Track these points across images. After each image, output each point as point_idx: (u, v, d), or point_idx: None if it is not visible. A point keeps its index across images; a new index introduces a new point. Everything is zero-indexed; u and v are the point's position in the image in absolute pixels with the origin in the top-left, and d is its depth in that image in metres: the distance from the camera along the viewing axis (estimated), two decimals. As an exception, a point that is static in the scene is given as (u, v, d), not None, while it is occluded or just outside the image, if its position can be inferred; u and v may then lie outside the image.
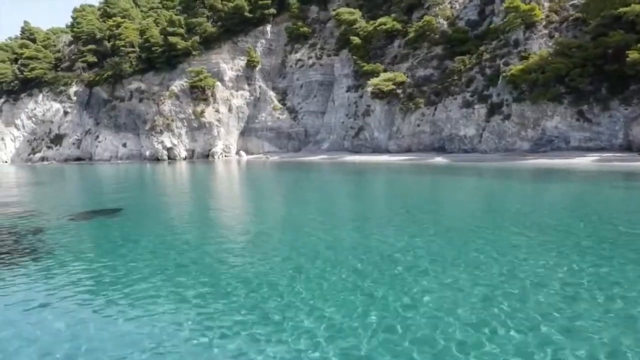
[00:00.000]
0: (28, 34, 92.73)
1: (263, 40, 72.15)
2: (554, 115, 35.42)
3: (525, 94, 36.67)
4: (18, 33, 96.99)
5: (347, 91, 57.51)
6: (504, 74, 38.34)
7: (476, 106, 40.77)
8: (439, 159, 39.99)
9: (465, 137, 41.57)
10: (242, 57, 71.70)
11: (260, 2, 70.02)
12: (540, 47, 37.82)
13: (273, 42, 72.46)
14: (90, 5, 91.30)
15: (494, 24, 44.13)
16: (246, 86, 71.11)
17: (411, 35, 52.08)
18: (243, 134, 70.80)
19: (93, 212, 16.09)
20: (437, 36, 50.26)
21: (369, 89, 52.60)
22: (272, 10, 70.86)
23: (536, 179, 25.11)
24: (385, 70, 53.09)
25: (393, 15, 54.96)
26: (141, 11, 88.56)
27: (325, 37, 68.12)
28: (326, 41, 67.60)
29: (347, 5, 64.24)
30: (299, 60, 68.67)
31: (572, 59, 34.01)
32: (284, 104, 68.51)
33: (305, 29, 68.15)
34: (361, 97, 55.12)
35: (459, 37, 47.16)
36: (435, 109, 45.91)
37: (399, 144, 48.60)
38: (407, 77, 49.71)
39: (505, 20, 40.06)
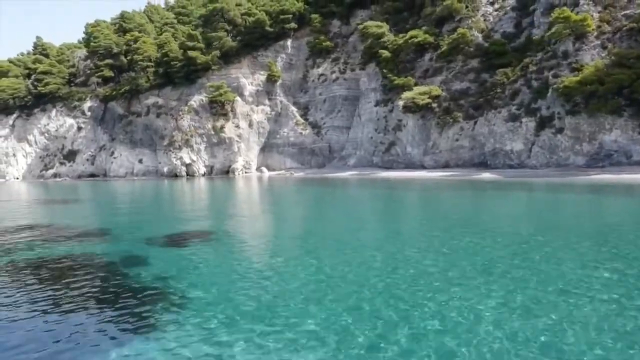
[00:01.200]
0: (41, 49, 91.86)
1: (283, 55, 71.07)
2: (613, 129, 33.67)
3: (580, 107, 34.98)
4: (30, 48, 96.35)
5: (375, 105, 55.96)
6: (554, 86, 36.72)
7: (524, 120, 39.07)
8: (487, 175, 38.05)
9: (512, 151, 39.76)
10: (262, 72, 70.47)
11: (281, 17, 69.17)
12: (592, 58, 36.32)
13: (293, 57, 71.37)
14: (103, 21, 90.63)
15: (536, 36, 42.79)
16: (266, 101, 69.67)
17: (444, 48, 50.80)
18: (263, 149, 69.06)
19: (178, 235, 14.05)
20: (472, 49, 48.98)
21: (401, 102, 51.09)
22: (293, 25, 69.93)
23: (624, 195, 23.15)
24: (416, 84, 51.69)
25: (424, 28, 53.75)
26: (155, 27, 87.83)
27: (348, 52, 67.02)
28: (349, 55, 66.49)
29: (371, 19, 63.24)
30: (322, 74, 67.44)
31: (633, 69, 32.44)
32: (306, 119, 66.98)
33: (328, 43, 67.10)
34: (391, 111, 53.55)
35: (497, 49, 45.84)
36: (475, 123, 44.25)
37: (436, 160, 46.77)
38: (442, 90, 48.20)
39: (552, 31, 38.61)
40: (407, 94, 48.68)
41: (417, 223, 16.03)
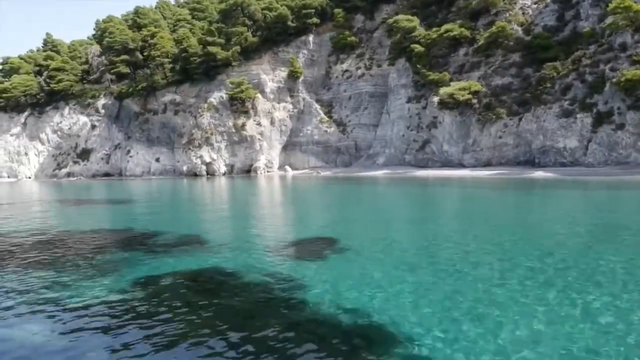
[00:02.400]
0: (51, 45, 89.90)
1: (305, 51, 69.05)
2: (682, 124, 31.86)
3: (644, 101, 33.14)
4: (40, 45, 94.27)
5: (407, 102, 54.01)
6: (613, 79, 34.89)
7: (578, 115, 37.22)
8: (540, 173, 36.19)
9: (565, 149, 37.90)
10: (283, 68, 68.48)
11: (303, 12, 67.20)
12: (654, 50, 34.51)
13: (315, 53, 69.37)
14: (115, 17, 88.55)
15: (585, 28, 40.95)
16: (288, 98, 67.67)
17: (481, 42, 49.03)
18: (285, 148, 67.04)
19: (296, 243, 12.16)
20: (511, 43, 47.14)
21: (435, 99, 49.30)
22: (315, 20, 67.95)
23: None
24: (451, 80, 49.88)
25: (458, 21, 51.86)
26: (168, 23, 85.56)
27: (373, 47, 65.08)
28: (375, 51, 64.55)
29: (397, 14, 61.36)
30: (346, 71, 65.47)
31: None
32: (330, 117, 64.99)
33: (353, 38, 65.12)
34: (425, 108, 51.65)
35: (541, 43, 43.94)
36: (520, 119, 42.41)
37: (477, 158, 44.90)
38: (482, 86, 46.33)
39: (608, 22, 36.77)
40: (445, 90, 46.80)
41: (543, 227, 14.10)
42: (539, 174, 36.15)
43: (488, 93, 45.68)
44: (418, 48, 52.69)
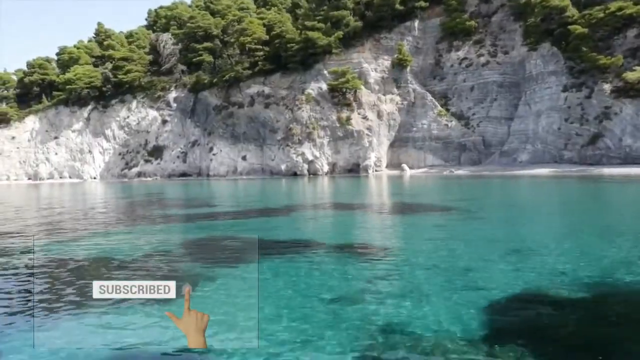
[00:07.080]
0: (104, 35, 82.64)
1: (410, 38, 62.40)
2: None
3: None
4: (92, 35, 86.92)
5: (563, 91, 47.50)
6: None
7: None
8: None
9: None
10: (386, 57, 61.80)
11: (410, -7, 60.69)
12: None
13: (420, 40, 62.77)
14: (181, 3, 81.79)
15: None
16: (395, 89, 60.90)
17: (662, 21, 42.77)
18: (392, 144, 60.25)
19: None
20: None
21: (606, 86, 43.09)
22: (423, 3, 61.35)
23: None
24: (622, 65, 43.70)
25: (629, -1, 45.58)
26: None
27: (493, 32, 58.58)
28: (497, 36, 58.07)
29: (518, -4, 55.16)
30: (464, 59, 58.86)
31: None
32: (447, 110, 58.34)
33: (472, 22, 58.54)
34: (588, 97, 45.21)
35: None
36: None
37: (683, 153, 38.51)
38: (679, 69, 40.04)
39: None
40: (634, 74, 40.38)
41: None
42: None
43: (689, 78, 39.35)
44: (579, 29, 46.21)
